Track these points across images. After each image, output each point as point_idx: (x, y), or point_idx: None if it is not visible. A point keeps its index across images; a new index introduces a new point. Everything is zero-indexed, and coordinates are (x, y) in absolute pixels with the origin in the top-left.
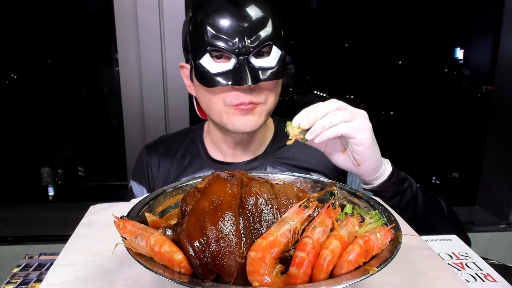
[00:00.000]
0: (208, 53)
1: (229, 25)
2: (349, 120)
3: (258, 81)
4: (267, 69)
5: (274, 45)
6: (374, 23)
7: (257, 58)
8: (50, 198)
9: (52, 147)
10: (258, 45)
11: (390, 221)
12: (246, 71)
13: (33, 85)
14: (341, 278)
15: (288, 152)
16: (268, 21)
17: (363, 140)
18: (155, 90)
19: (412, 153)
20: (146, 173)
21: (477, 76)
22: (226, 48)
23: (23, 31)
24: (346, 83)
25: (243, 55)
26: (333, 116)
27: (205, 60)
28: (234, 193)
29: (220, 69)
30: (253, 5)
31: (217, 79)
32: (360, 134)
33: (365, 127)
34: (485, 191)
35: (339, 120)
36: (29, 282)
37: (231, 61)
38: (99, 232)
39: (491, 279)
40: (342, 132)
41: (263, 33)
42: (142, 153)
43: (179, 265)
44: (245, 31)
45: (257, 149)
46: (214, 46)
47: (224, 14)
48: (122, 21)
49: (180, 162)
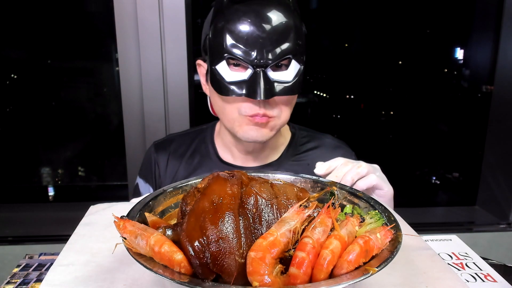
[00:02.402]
0: (225, 60)
1: (249, 35)
2: (373, 172)
3: (272, 95)
4: (283, 83)
5: (293, 59)
6: (374, 23)
7: (275, 70)
8: (50, 198)
9: (52, 147)
10: (277, 58)
11: (390, 221)
12: (261, 84)
13: (33, 85)
14: (341, 278)
15: (303, 161)
16: (290, 34)
17: (389, 192)
18: (155, 90)
19: (412, 153)
20: (153, 171)
21: (477, 76)
22: (244, 58)
23: (23, 31)
24: (346, 83)
25: (260, 67)
26: (359, 168)
27: (221, 67)
28: (234, 193)
29: (235, 78)
30: (276, 15)
31: (231, 88)
32: (386, 186)
33: (386, 179)
34: (485, 191)
35: (366, 171)
36: (29, 282)
37: (248, 71)
38: (99, 232)
39: (491, 279)
40: (374, 183)
41: (284, 46)
42: (151, 151)
43: (179, 265)
44: (265, 42)
45: (270, 156)
46: (231, 55)
47: (245, 23)
48: (122, 21)
49: (189, 162)
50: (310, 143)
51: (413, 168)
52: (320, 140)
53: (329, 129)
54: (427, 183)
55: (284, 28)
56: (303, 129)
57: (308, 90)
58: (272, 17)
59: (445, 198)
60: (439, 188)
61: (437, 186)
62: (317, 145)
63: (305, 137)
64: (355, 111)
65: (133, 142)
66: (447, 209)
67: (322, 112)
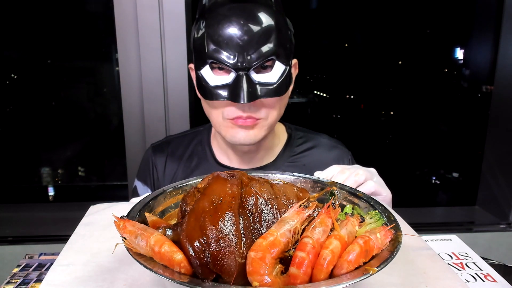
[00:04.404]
0: (208, 65)
1: (229, 39)
2: (370, 178)
3: (255, 98)
4: (268, 85)
5: (277, 60)
6: (374, 23)
7: (258, 72)
8: (50, 198)
9: (52, 147)
10: (259, 60)
11: (390, 221)
12: (244, 87)
13: (33, 85)
14: (341, 278)
15: (300, 162)
16: (272, 35)
17: (387, 197)
18: (155, 90)
19: (412, 153)
20: (151, 174)
21: (477, 76)
22: (226, 62)
23: (23, 31)
24: (346, 83)
25: (243, 70)
26: (356, 176)
27: (205, 72)
28: (234, 193)
29: (219, 82)
30: (257, 18)
31: (214, 93)
32: (385, 190)
33: (383, 183)
34: (485, 191)
35: (363, 178)
36: (29, 282)
37: (231, 75)
38: (99, 232)
39: (491, 279)
40: (372, 190)
41: (266, 48)
42: (148, 153)
43: (179, 265)
44: (246, 45)
45: (266, 157)
46: (213, 59)
47: (225, 28)
48: (122, 21)
49: (187, 164)
50: (306, 143)
51: (413, 168)
52: (316, 140)
53: (329, 129)
54: (427, 183)
55: (266, 29)
56: (299, 130)
57: (308, 90)
58: (253, 19)
59: (445, 198)
60: (439, 188)
61: (437, 186)
62: (313, 146)
63: (301, 137)
64: (355, 111)
65: (133, 142)
66: (447, 209)
67: (322, 112)
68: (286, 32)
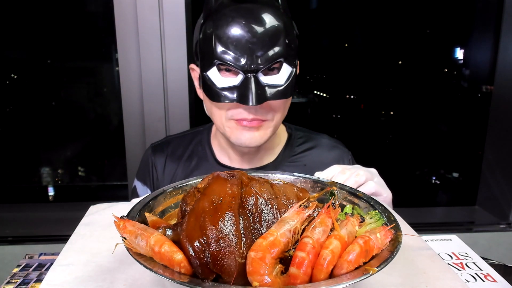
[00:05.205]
0: (215, 66)
1: (238, 40)
2: (371, 178)
3: (264, 100)
4: (275, 87)
5: (285, 62)
6: (374, 23)
7: (266, 74)
8: (50, 198)
9: (52, 147)
10: (267, 62)
11: (390, 221)
12: (252, 89)
13: (33, 85)
14: (341, 278)
15: (300, 162)
16: (281, 37)
17: (388, 197)
18: (155, 90)
19: (412, 153)
20: (151, 174)
21: (477, 76)
22: (234, 64)
23: (23, 31)
24: (346, 83)
25: (251, 72)
26: (357, 176)
27: (212, 73)
28: (234, 193)
29: (226, 83)
30: (265, 19)
31: (222, 94)
32: (385, 191)
33: (384, 183)
34: (485, 191)
35: (364, 179)
36: (29, 282)
37: (239, 77)
38: (99, 232)
39: (491, 279)
40: (373, 190)
41: (274, 49)
42: (148, 153)
43: (179, 265)
44: (255, 47)
45: (266, 157)
46: (221, 61)
47: (234, 29)
48: (122, 21)
49: (187, 164)
50: (306, 143)
51: (413, 168)
52: (316, 140)
53: (329, 129)
54: (427, 183)
55: (274, 31)
56: (299, 130)
57: (308, 90)
58: (261, 21)
59: (445, 198)
60: (439, 188)
61: (437, 186)
62: (313, 146)
63: (301, 137)
64: (355, 111)
65: (133, 142)
66: (447, 209)
67: (322, 112)
68: (292, 33)
